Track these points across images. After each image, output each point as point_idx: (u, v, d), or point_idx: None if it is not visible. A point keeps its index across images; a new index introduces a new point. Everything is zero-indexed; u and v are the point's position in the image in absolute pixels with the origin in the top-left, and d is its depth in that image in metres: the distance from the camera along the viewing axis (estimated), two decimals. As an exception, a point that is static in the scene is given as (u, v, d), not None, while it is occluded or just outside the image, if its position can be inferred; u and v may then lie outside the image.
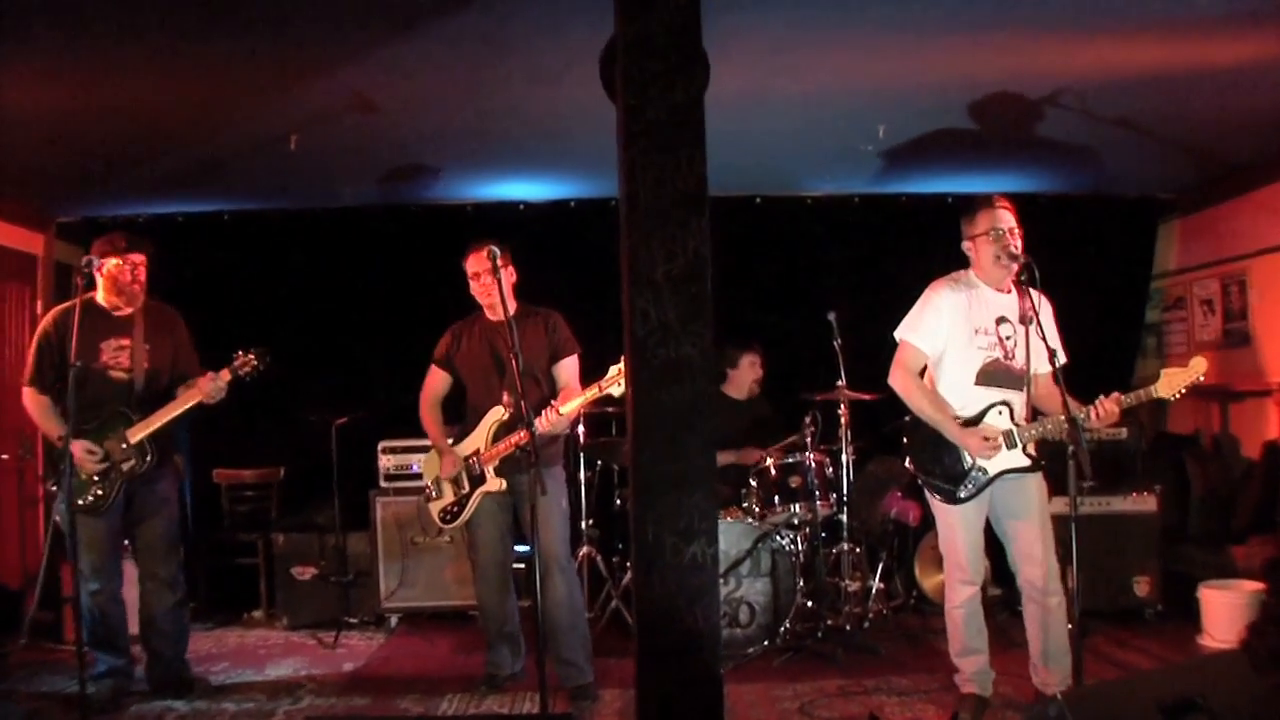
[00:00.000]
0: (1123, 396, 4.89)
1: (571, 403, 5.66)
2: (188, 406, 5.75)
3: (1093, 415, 4.86)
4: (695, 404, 3.81)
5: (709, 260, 3.83)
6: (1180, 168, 8.16)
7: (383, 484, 7.65)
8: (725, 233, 8.02)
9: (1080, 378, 5.17)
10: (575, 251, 8.36)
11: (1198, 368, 4.88)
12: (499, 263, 5.37)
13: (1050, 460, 5.16)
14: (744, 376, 7.59)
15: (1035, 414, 5.27)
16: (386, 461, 7.68)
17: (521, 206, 8.68)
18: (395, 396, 7.17)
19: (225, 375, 5.76)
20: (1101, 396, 4.89)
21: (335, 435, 7.48)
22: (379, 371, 8.35)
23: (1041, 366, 5.12)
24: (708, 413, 3.79)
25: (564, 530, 5.81)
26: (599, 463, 7.58)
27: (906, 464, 5.33)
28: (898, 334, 5.24)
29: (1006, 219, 5.10)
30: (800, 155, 7.65)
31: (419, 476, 7.37)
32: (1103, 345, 8.72)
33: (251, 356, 5.81)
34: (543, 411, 5.63)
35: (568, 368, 5.92)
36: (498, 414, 5.82)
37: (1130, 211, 9.14)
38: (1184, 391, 4.88)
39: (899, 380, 5.21)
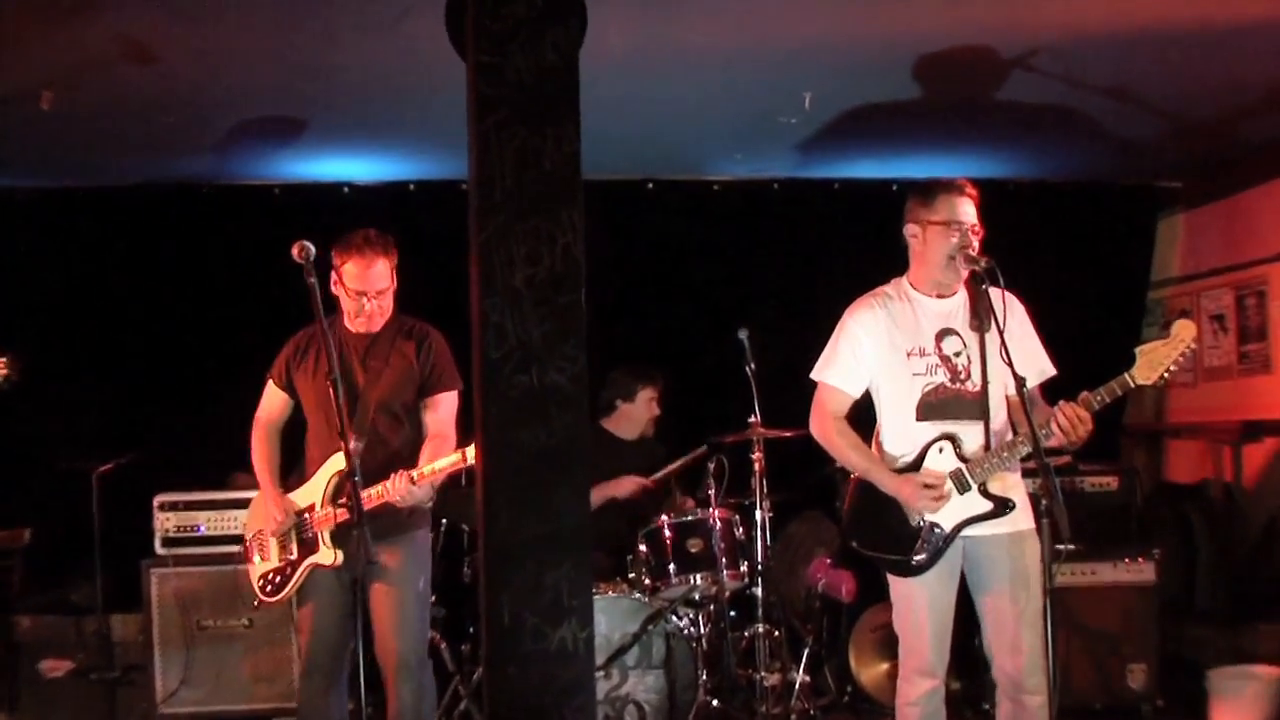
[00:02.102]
0: (1091, 395, 4.90)
1: (437, 463, 5.45)
2: None
3: (1054, 428, 4.88)
4: (565, 447, 3.87)
5: (583, 263, 3.88)
6: (1185, 148, 8.41)
7: (160, 550, 7.54)
8: (606, 227, 8.14)
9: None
10: (413, 249, 8.26)
11: (1183, 334, 4.86)
12: (312, 264, 5.19)
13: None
14: (639, 414, 7.65)
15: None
16: (165, 520, 7.56)
17: (346, 189, 8.66)
18: (177, 436, 7.11)
19: None
20: (1062, 401, 4.92)
21: (97, 487, 7.38)
22: (156, 403, 8.24)
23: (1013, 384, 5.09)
24: (581, 458, 3.84)
25: (418, 621, 5.64)
26: (444, 521, 7.55)
27: (846, 536, 5.36)
28: (814, 375, 5.35)
29: (968, 211, 5.16)
30: (704, 129, 7.76)
31: (209, 540, 7.32)
32: (1087, 372, 8.80)
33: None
34: (391, 475, 5.43)
35: (440, 407, 5.71)
36: (340, 462, 5.55)
37: (1122, 203, 9.41)
38: (1171, 372, 4.85)
39: (817, 426, 5.33)
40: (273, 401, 5.91)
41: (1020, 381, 4.78)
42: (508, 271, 3.92)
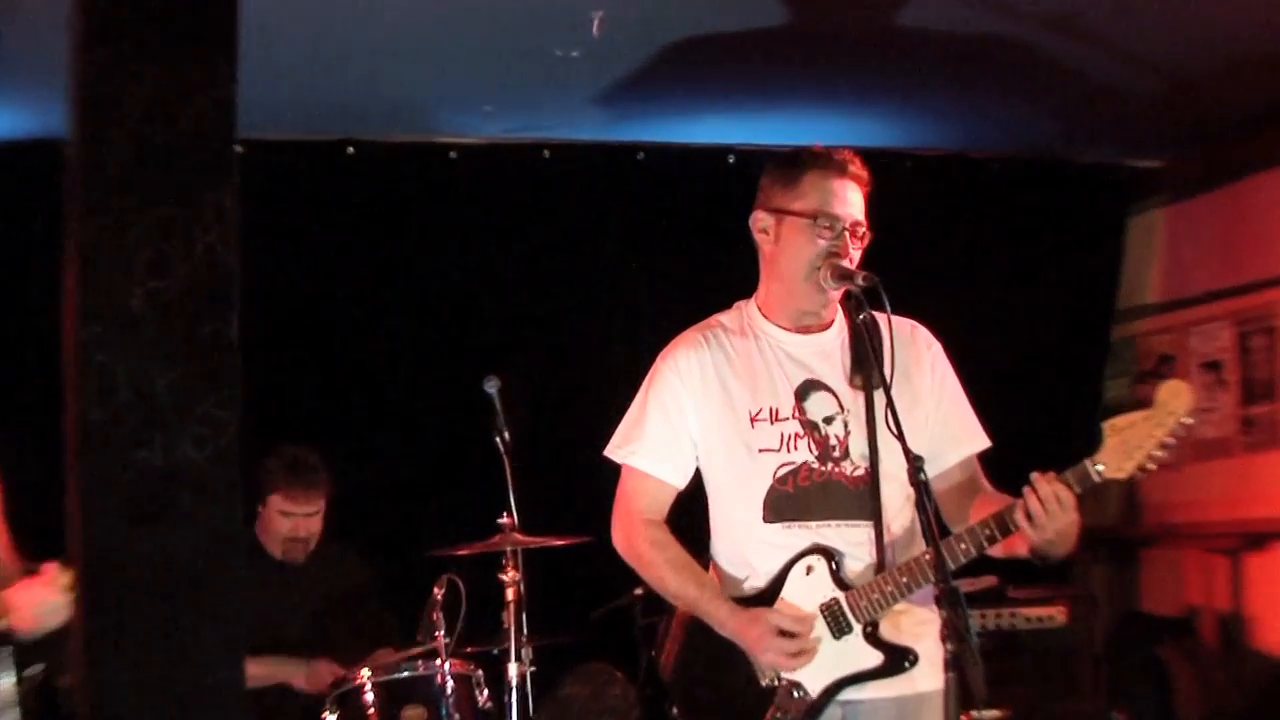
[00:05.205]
0: (1062, 478, 4.74)
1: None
2: None
3: (1019, 518, 4.70)
4: (206, 560, 3.86)
5: (238, 271, 3.87)
6: (1168, 111, 8.67)
7: None
8: (280, 217, 8.13)
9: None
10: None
11: (1173, 403, 4.73)
12: None
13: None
14: (270, 527, 7.53)
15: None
16: None
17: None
18: None
19: None
20: (1035, 475, 4.71)
21: None
22: None
23: (946, 456, 5.06)
24: (230, 578, 3.83)
25: None
26: (40, 667, 7.46)
27: (670, 697, 5.32)
28: (612, 453, 5.24)
29: (855, 204, 5.07)
30: (435, 67, 7.81)
31: None
32: (1025, 444, 8.89)
33: None
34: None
35: None
36: None
37: (1078, 190, 9.69)
38: (1156, 459, 4.74)
39: (620, 533, 5.21)
40: None
41: (915, 464, 4.58)
42: (121, 285, 3.89)
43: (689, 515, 5.18)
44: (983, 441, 5.15)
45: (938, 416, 5.01)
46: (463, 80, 8.02)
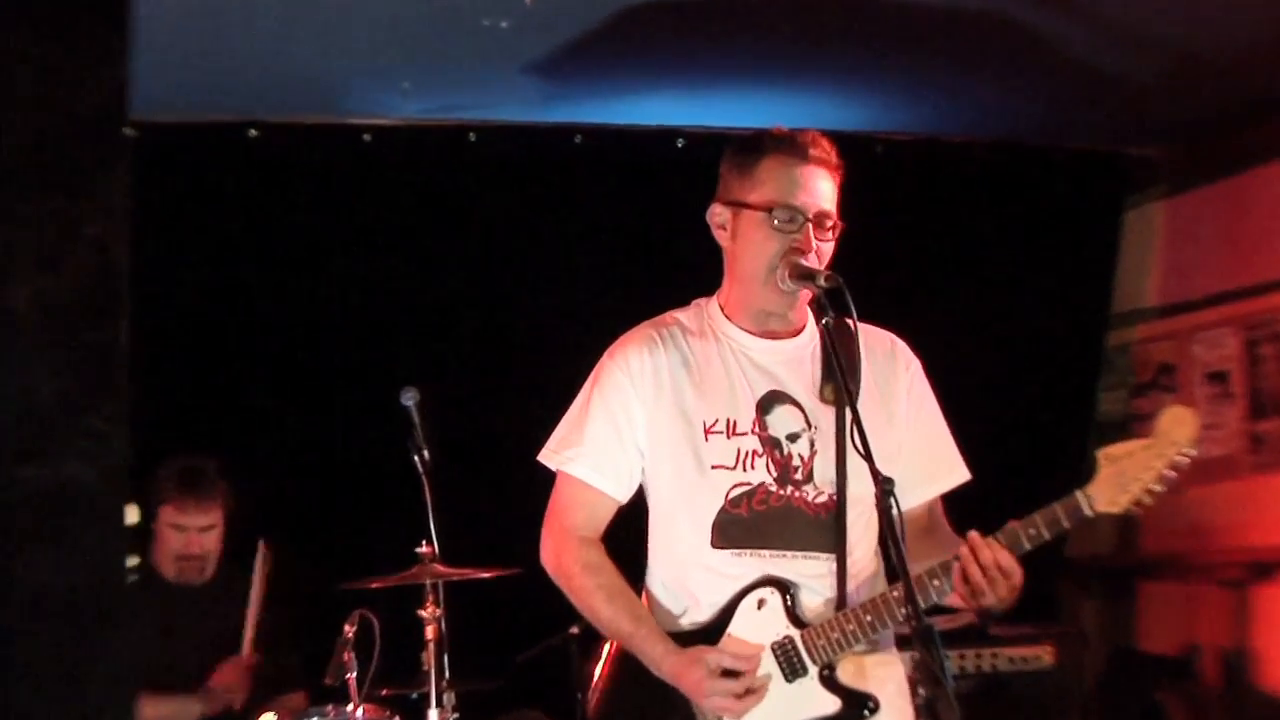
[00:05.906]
0: (1021, 525, 4.64)
1: None
2: None
3: (955, 580, 4.66)
4: (96, 593, 3.83)
5: (126, 267, 3.84)
6: (1170, 95, 8.73)
7: None
8: (174, 206, 8.09)
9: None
10: None
11: (1175, 431, 4.70)
12: None
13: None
14: (162, 545, 7.53)
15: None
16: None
17: None
18: None
19: None
20: (972, 534, 4.66)
21: None
22: None
23: (914, 492, 4.95)
24: (123, 614, 3.80)
25: None
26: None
27: None
28: (546, 458, 5.16)
29: (820, 192, 4.94)
30: (350, 39, 7.78)
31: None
32: (1009, 464, 8.84)
33: None
34: None
35: None
36: None
37: (1067, 181, 9.73)
38: (1155, 493, 4.70)
39: (551, 551, 5.12)
40: None
41: (883, 486, 4.46)
42: (4, 285, 3.89)
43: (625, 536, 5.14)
44: (961, 475, 5.09)
45: (911, 446, 4.93)
46: (377, 54, 8.00)
